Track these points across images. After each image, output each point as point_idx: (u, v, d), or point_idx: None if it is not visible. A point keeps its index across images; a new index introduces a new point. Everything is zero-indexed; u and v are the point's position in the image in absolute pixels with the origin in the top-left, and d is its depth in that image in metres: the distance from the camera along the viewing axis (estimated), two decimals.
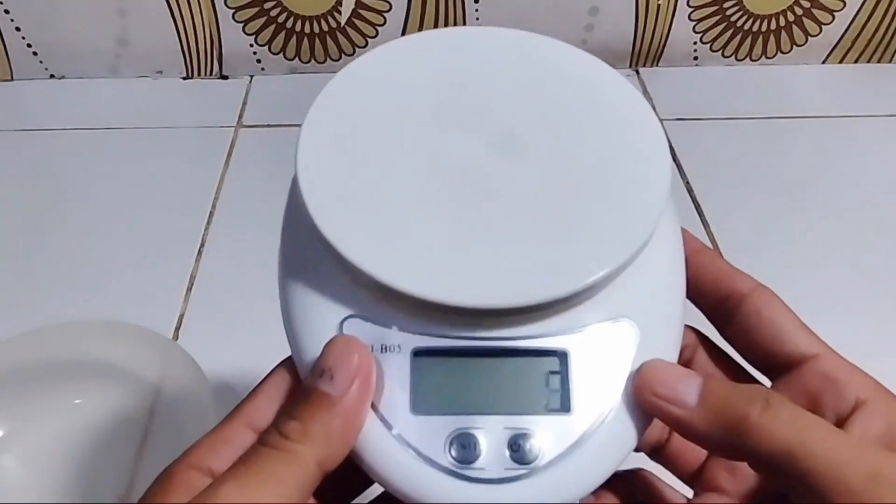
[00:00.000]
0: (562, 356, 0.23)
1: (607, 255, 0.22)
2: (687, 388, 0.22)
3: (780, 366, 0.24)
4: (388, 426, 0.22)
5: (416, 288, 0.22)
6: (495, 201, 0.23)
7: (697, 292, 0.26)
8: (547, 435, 0.22)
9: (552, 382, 0.23)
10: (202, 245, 0.55)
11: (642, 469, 0.28)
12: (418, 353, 0.23)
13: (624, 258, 0.22)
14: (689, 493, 0.27)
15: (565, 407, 0.22)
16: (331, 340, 0.22)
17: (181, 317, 0.50)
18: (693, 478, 0.27)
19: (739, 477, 0.25)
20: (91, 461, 0.43)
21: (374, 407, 0.22)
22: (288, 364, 0.23)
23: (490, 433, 0.22)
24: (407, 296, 0.22)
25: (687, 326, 0.26)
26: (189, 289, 0.52)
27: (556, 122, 0.26)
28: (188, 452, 0.22)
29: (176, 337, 0.49)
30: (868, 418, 0.22)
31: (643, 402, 0.22)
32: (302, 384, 0.22)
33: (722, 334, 0.26)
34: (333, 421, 0.21)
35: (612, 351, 0.23)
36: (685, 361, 0.26)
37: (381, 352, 0.23)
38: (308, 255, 0.24)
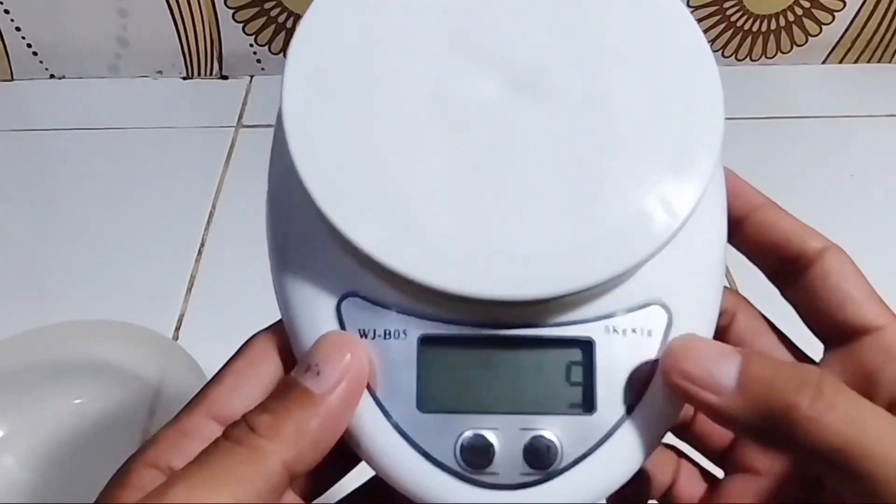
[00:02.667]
0: (586, 346, 0.20)
1: (644, 238, 0.19)
2: (724, 368, 0.19)
3: (840, 335, 0.22)
4: (392, 421, 0.20)
5: (424, 274, 0.19)
6: (515, 160, 0.20)
7: (759, 253, 0.23)
8: (567, 435, 0.20)
9: (574, 375, 0.20)
10: (202, 245, 0.55)
11: (664, 444, 0.25)
12: (426, 341, 0.20)
13: (662, 240, 0.19)
14: (719, 472, 0.25)
15: (588, 403, 0.20)
16: (323, 335, 0.20)
17: (181, 317, 0.50)
18: (722, 456, 0.25)
19: (772, 455, 0.23)
20: (91, 461, 0.43)
21: (375, 398, 0.20)
22: (260, 339, 0.21)
23: (504, 435, 0.20)
24: (415, 282, 0.19)
25: (724, 288, 0.23)
26: (189, 289, 0.52)
27: (589, 54, 0.21)
28: (146, 448, 0.19)
29: (176, 337, 0.49)
30: None
31: (672, 385, 0.19)
32: (286, 377, 0.20)
33: (782, 294, 0.23)
34: (310, 421, 0.19)
35: (640, 339, 0.20)
36: (721, 329, 0.23)
37: (385, 337, 0.20)
38: (300, 221, 0.21)
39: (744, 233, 0.23)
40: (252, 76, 0.70)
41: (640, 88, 0.21)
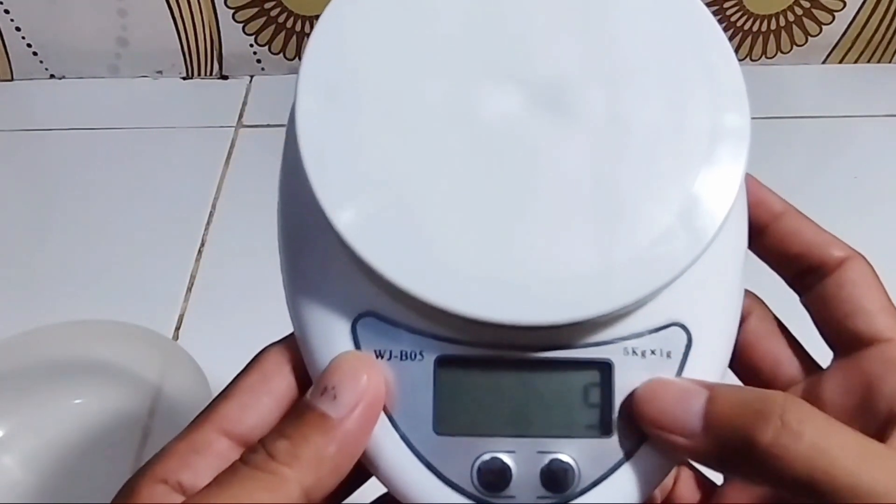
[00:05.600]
0: (605, 368, 0.20)
1: (666, 261, 0.19)
2: (689, 409, 0.19)
3: (848, 344, 0.22)
4: (408, 443, 0.20)
5: (442, 298, 0.19)
6: (536, 180, 0.20)
7: (781, 262, 0.23)
8: (584, 458, 0.20)
9: (592, 398, 0.20)
10: (202, 245, 0.55)
11: None
12: (443, 363, 0.20)
13: (685, 264, 0.19)
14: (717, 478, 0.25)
15: (606, 426, 0.20)
16: (339, 355, 0.20)
17: (181, 317, 0.50)
18: None
19: None
20: (91, 461, 0.43)
21: (392, 420, 0.20)
22: (273, 354, 0.21)
23: (521, 458, 0.20)
24: (432, 306, 0.19)
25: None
26: (189, 289, 0.52)
27: (613, 65, 0.21)
28: (154, 462, 0.19)
29: (176, 337, 0.49)
30: None
31: (646, 431, 0.19)
32: (301, 399, 0.20)
33: (801, 300, 0.23)
34: (328, 446, 0.18)
35: (659, 361, 0.20)
36: None
37: (401, 359, 0.20)
38: (314, 238, 0.21)
39: (765, 242, 0.23)
40: (252, 76, 0.70)
41: (663, 104, 0.20)
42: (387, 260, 0.19)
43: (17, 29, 0.66)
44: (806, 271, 0.23)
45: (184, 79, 0.69)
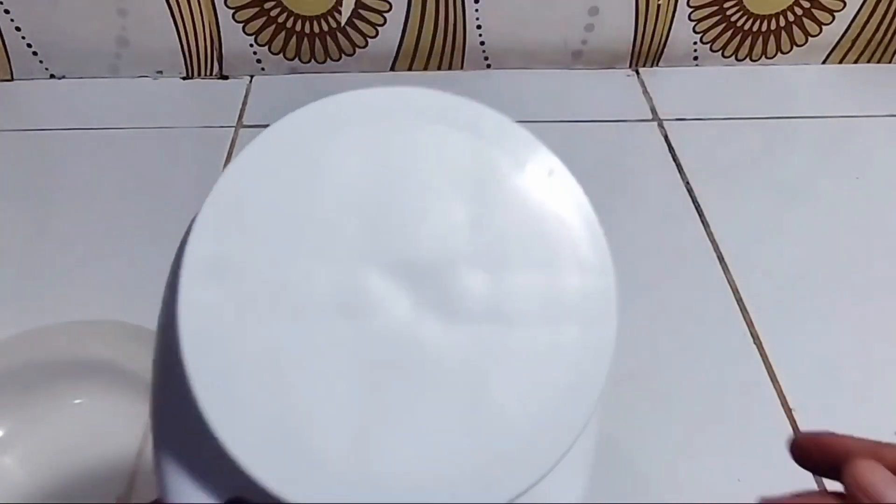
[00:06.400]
0: None
1: (525, 472, 0.20)
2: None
3: None
4: None
5: (304, 498, 0.19)
6: (411, 383, 0.20)
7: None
8: None
9: None
10: None
11: None
12: None
13: (542, 473, 0.20)
14: None
15: None
16: None
17: None
18: None
19: None
20: (91, 461, 0.43)
21: None
22: None
23: None
24: None
25: None
26: None
27: (498, 256, 0.22)
28: None
29: None
30: None
31: (852, 481, 0.22)
32: None
33: None
34: None
35: None
36: None
37: None
38: (188, 416, 0.20)
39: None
40: (252, 76, 0.70)
41: (540, 303, 0.21)
42: (254, 456, 0.19)
43: (17, 29, 0.66)
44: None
45: (184, 79, 0.69)
